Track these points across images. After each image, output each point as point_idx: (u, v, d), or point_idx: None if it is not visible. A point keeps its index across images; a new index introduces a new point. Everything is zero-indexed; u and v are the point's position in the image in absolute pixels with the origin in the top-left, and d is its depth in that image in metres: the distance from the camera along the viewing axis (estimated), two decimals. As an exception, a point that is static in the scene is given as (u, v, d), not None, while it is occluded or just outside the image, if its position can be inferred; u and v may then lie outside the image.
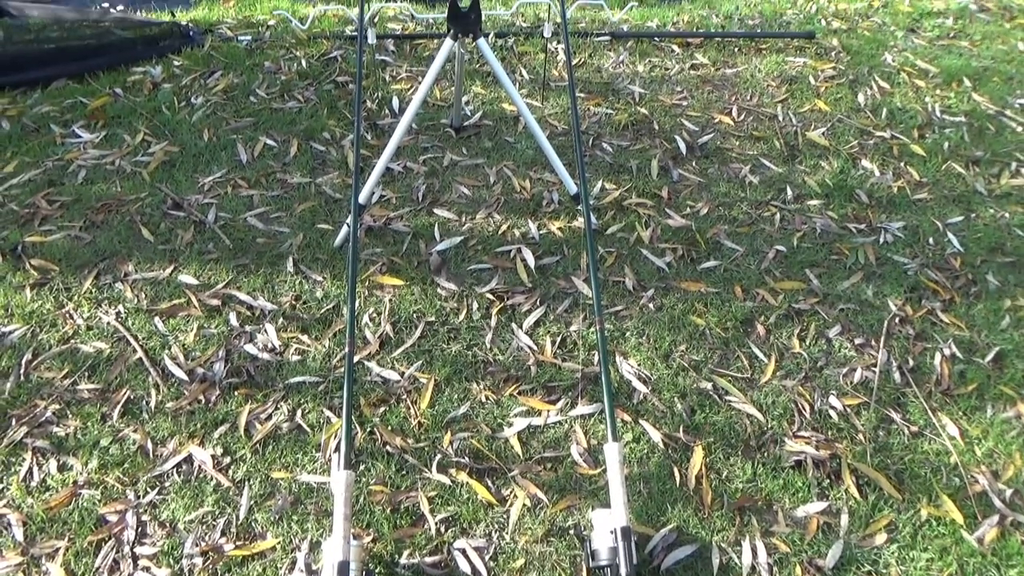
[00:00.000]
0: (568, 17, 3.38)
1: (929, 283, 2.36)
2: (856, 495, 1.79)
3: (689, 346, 2.13)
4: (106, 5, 3.64)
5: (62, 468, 1.77)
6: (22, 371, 1.96)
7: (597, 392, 1.98)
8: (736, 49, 3.34)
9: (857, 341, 2.18)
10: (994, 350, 2.18)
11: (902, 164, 2.79)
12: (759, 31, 3.50)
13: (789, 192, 2.63)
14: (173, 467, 1.78)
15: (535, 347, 2.10)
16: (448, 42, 2.08)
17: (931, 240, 2.50)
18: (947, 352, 2.16)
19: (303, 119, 2.81)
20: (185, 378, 1.96)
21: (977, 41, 3.54)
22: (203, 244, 2.33)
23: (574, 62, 3.17)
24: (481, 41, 2.07)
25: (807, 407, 2.00)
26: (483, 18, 2.12)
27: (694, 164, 2.73)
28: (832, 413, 1.99)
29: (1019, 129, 2.99)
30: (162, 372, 1.98)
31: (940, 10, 3.81)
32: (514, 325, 2.15)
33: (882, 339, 2.18)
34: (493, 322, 2.15)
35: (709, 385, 2.03)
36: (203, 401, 1.92)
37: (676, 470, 1.82)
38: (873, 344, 2.17)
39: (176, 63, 3.06)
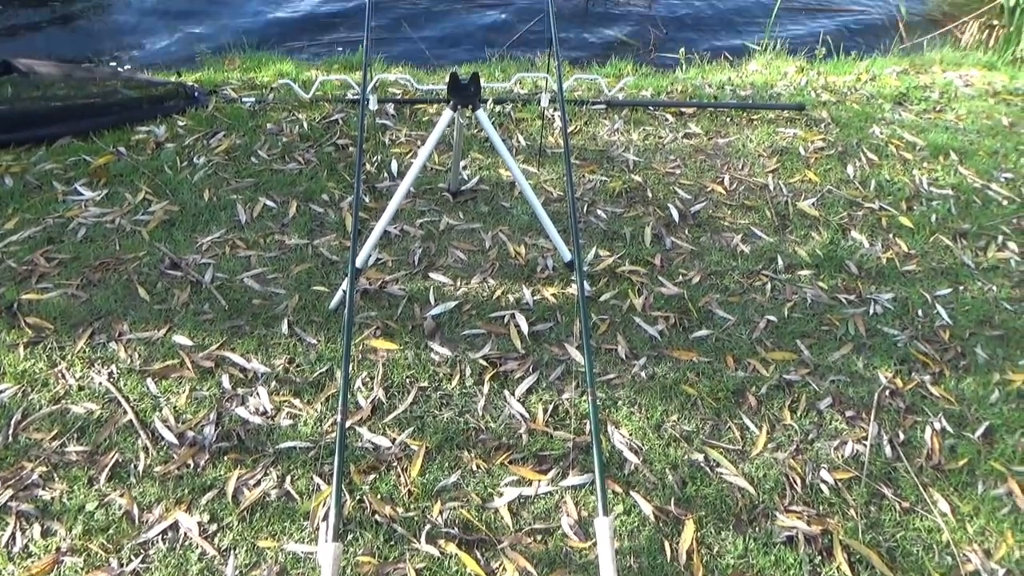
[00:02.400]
0: (565, 87, 3.47)
1: (919, 355, 2.38)
2: (848, 573, 1.77)
3: (681, 416, 2.13)
4: (114, 64, 3.73)
5: (46, 533, 1.75)
6: (11, 432, 1.95)
7: (588, 462, 1.97)
8: (728, 119, 3.43)
9: (848, 414, 2.18)
10: (984, 424, 2.19)
11: (891, 236, 2.84)
12: (750, 102, 3.59)
13: (780, 262, 2.67)
14: (158, 534, 1.75)
15: (527, 415, 2.10)
16: (448, 112, 2.14)
17: (920, 312, 2.53)
18: (937, 426, 2.17)
19: (303, 181, 2.85)
20: (175, 441, 1.95)
21: (962, 115, 3.64)
22: (199, 305, 2.35)
23: (570, 129, 3.24)
24: (480, 112, 2.13)
25: (798, 480, 1.99)
26: (482, 90, 2.18)
27: (687, 232, 2.77)
28: (823, 487, 1.98)
29: (1004, 203, 3.05)
30: (152, 435, 1.97)
31: (926, 84, 3.93)
32: (506, 392, 2.15)
33: (873, 412, 2.19)
34: (486, 388, 2.16)
35: (700, 457, 2.03)
36: (192, 465, 1.90)
37: (667, 544, 1.81)
38: (864, 417, 2.18)
39: (180, 123, 3.12)
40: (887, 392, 2.26)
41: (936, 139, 3.38)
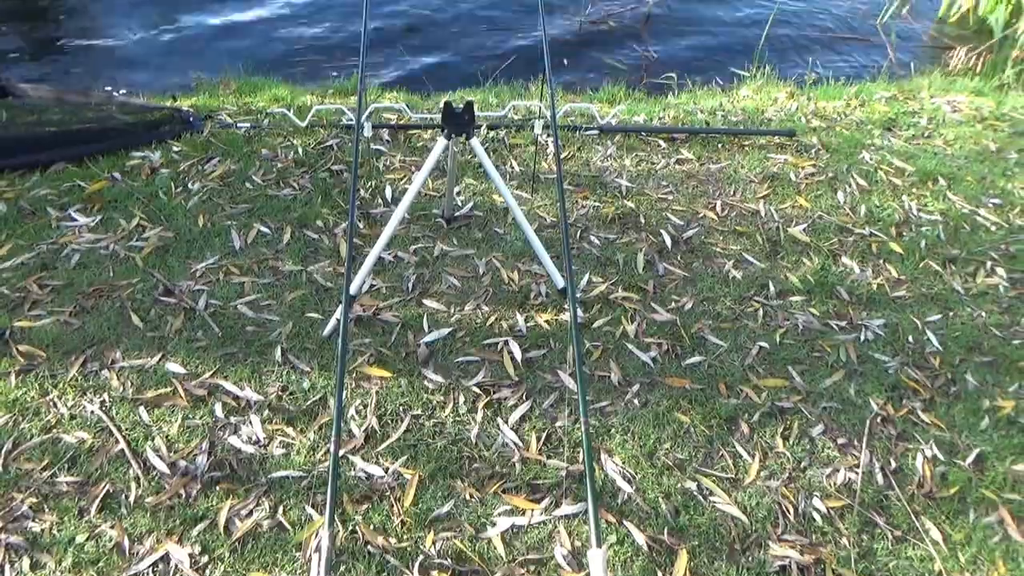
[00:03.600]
0: (558, 113, 3.50)
1: (909, 382, 2.39)
2: (841, 604, 1.78)
3: (674, 444, 2.14)
4: (109, 89, 3.75)
5: (35, 566, 1.73)
6: (1, 462, 1.94)
7: (582, 491, 1.97)
8: (720, 145, 3.46)
9: (840, 441, 2.19)
10: (975, 452, 2.20)
11: (881, 261, 2.86)
12: (742, 128, 3.63)
13: (771, 288, 2.69)
14: (149, 566, 1.74)
15: (520, 443, 2.10)
16: (442, 141, 2.15)
17: (910, 338, 2.55)
18: (929, 453, 2.18)
19: (297, 206, 2.87)
20: (167, 471, 1.95)
21: (950, 141, 3.69)
22: (192, 332, 2.35)
23: (563, 155, 3.27)
24: (474, 141, 2.14)
25: (791, 509, 2.00)
26: (476, 118, 2.20)
27: (679, 258, 2.79)
28: (816, 516, 1.99)
29: (993, 228, 3.09)
30: (143, 464, 1.96)
31: (915, 110, 3.97)
32: (500, 420, 2.16)
33: (864, 439, 2.20)
34: (479, 416, 2.16)
35: (694, 485, 2.03)
36: (183, 496, 1.90)
37: (660, 574, 1.80)
38: (856, 444, 2.19)
39: (175, 148, 3.14)
40: (879, 419, 2.27)
41: (925, 165, 3.42)
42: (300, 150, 3.17)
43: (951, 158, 3.53)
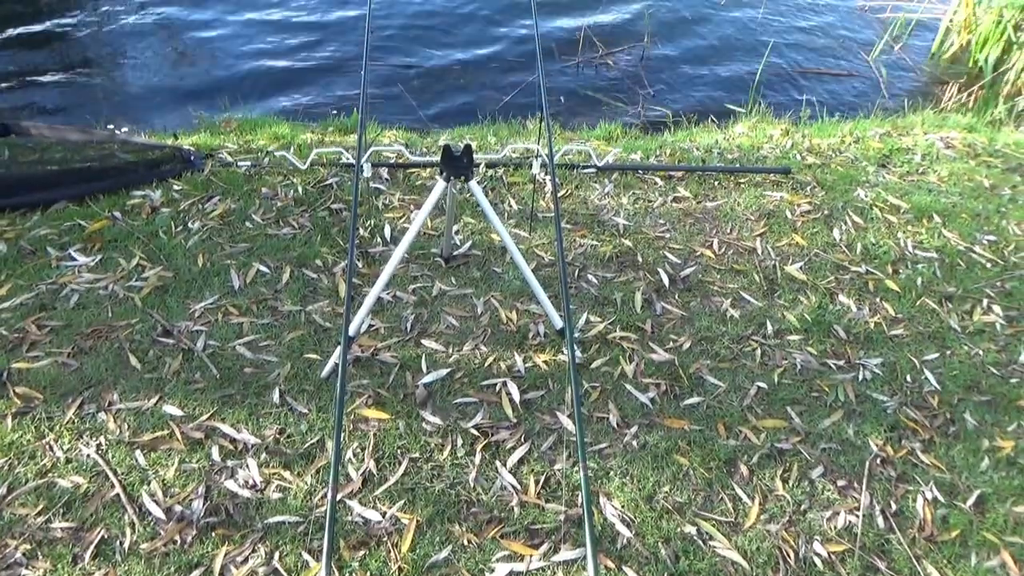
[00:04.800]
0: (555, 155, 3.54)
1: (908, 422, 2.39)
2: (844, 653, 1.76)
3: (673, 487, 2.13)
4: (111, 127, 3.78)
5: (28, 615, 1.72)
6: (-4, 507, 1.93)
7: (580, 536, 1.96)
8: (716, 183, 3.49)
9: (840, 483, 2.18)
10: (975, 493, 2.19)
11: (878, 299, 2.87)
12: (737, 166, 3.66)
13: (769, 327, 2.69)
14: (143, 615, 1.73)
15: (519, 486, 2.09)
16: (441, 183, 2.17)
17: (908, 377, 2.55)
18: (929, 495, 2.17)
19: (297, 245, 2.88)
20: (162, 516, 1.93)
21: (944, 177, 3.72)
22: (190, 373, 2.34)
23: (560, 194, 3.29)
24: (473, 183, 2.16)
25: (791, 554, 1.98)
26: (475, 161, 2.22)
27: (676, 297, 2.80)
28: (816, 560, 1.97)
29: (988, 265, 3.10)
30: (139, 510, 1.95)
31: (908, 147, 4.01)
32: (498, 463, 2.15)
33: (864, 481, 2.19)
34: (477, 459, 2.15)
35: (693, 529, 2.01)
36: (179, 542, 1.88)
37: (660, 623, 1.79)
38: (856, 486, 2.18)
39: (176, 187, 3.16)
40: (878, 460, 2.26)
41: (920, 201, 3.45)
42: (300, 188, 3.19)
43: (945, 195, 3.56)
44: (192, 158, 3.36)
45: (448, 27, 5.45)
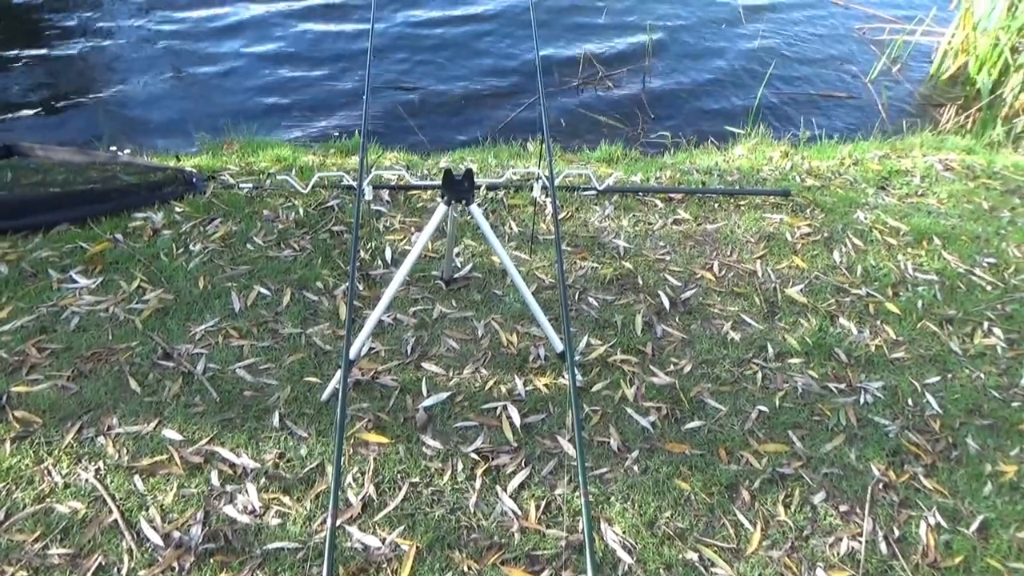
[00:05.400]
0: (556, 177, 3.55)
1: (910, 446, 2.38)
2: None
3: (674, 512, 2.12)
4: (114, 148, 3.80)
5: (24, 644, 1.70)
6: (-7, 533, 1.91)
7: (582, 563, 1.95)
8: (716, 205, 3.50)
9: (842, 508, 2.17)
10: (979, 519, 2.18)
11: (878, 322, 2.87)
12: (737, 188, 3.68)
13: (770, 350, 2.69)
14: (140, 644, 1.71)
15: (519, 511, 2.08)
16: (442, 207, 2.18)
17: (910, 401, 2.54)
18: (932, 521, 2.16)
19: (297, 268, 2.88)
20: (160, 543, 1.92)
21: (943, 199, 3.73)
22: (190, 396, 2.34)
23: (561, 216, 3.30)
24: (474, 207, 2.17)
25: (794, 581, 1.97)
26: (476, 184, 2.23)
27: (677, 320, 2.80)
28: (820, 588, 1.96)
29: (988, 288, 3.11)
30: (137, 536, 1.94)
31: (907, 169, 4.03)
32: (498, 487, 2.14)
33: (867, 506, 2.18)
34: (477, 484, 2.14)
35: (695, 556, 2.00)
36: (177, 569, 1.87)
37: (662, 652, 1.77)
38: (858, 511, 2.17)
39: (178, 209, 3.17)
40: (880, 485, 2.25)
41: (919, 224, 3.46)
42: (301, 210, 3.20)
43: (945, 217, 3.58)
44: (194, 180, 3.37)
45: (448, 49, 5.50)
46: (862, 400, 2.53)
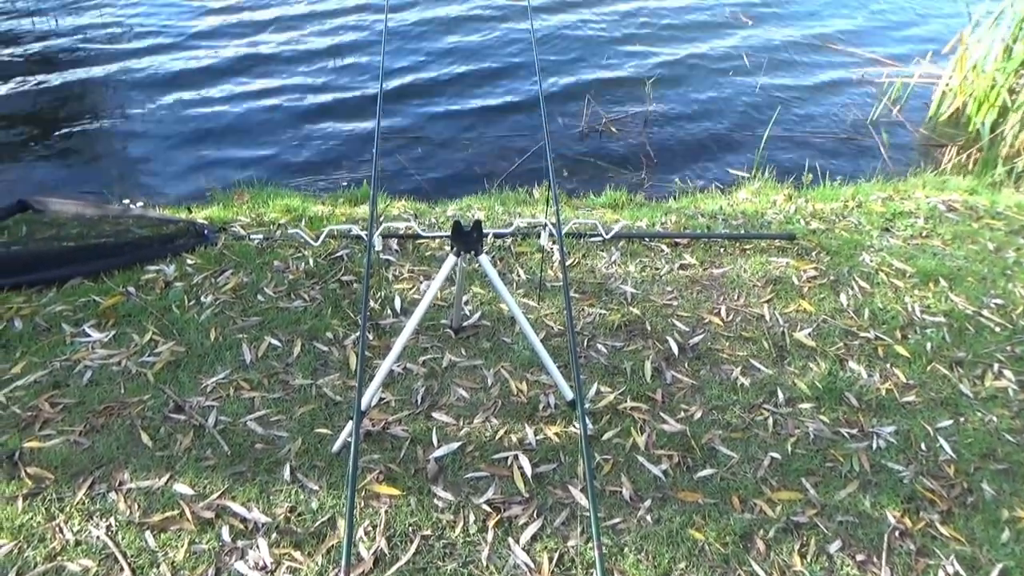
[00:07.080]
0: (563, 226, 3.58)
1: (925, 492, 2.36)
2: None
3: (689, 563, 2.10)
4: (127, 201, 3.86)
5: None
6: (4, 593, 1.91)
7: (596, 617, 1.92)
8: (722, 249, 3.53)
9: (859, 557, 2.15)
10: (998, 567, 2.15)
11: (888, 365, 2.87)
12: (742, 232, 3.71)
13: (780, 395, 2.68)
14: None
15: (532, 564, 2.06)
16: (451, 259, 2.20)
17: (923, 446, 2.53)
18: (950, 570, 2.13)
19: (308, 318, 2.91)
20: (172, 601, 1.91)
21: (948, 240, 3.75)
22: (201, 450, 2.34)
23: (568, 263, 3.33)
24: (483, 258, 2.19)
25: (813, 634, 1.94)
26: (484, 236, 2.25)
27: (686, 366, 2.80)
28: (839, 641, 1.92)
29: (997, 329, 3.10)
30: (149, 594, 1.93)
31: (911, 210, 4.06)
32: (511, 539, 2.12)
33: (883, 555, 2.15)
34: (490, 536, 2.13)
35: (711, 609, 1.98)
36: (188, 628, 1.85)
37: None
38: (875, 561, 2.14)
39: (189, 261, 3.21)
40: (896, 533, 2.23)
41: (925, 265, 3.47)
42: (311, 261, 3.24)
43: (950, 258, 3.59)
44: (205, 232, 3.42)
45: (455, 98, 5.60)
46: (875, 445, 2.52)
